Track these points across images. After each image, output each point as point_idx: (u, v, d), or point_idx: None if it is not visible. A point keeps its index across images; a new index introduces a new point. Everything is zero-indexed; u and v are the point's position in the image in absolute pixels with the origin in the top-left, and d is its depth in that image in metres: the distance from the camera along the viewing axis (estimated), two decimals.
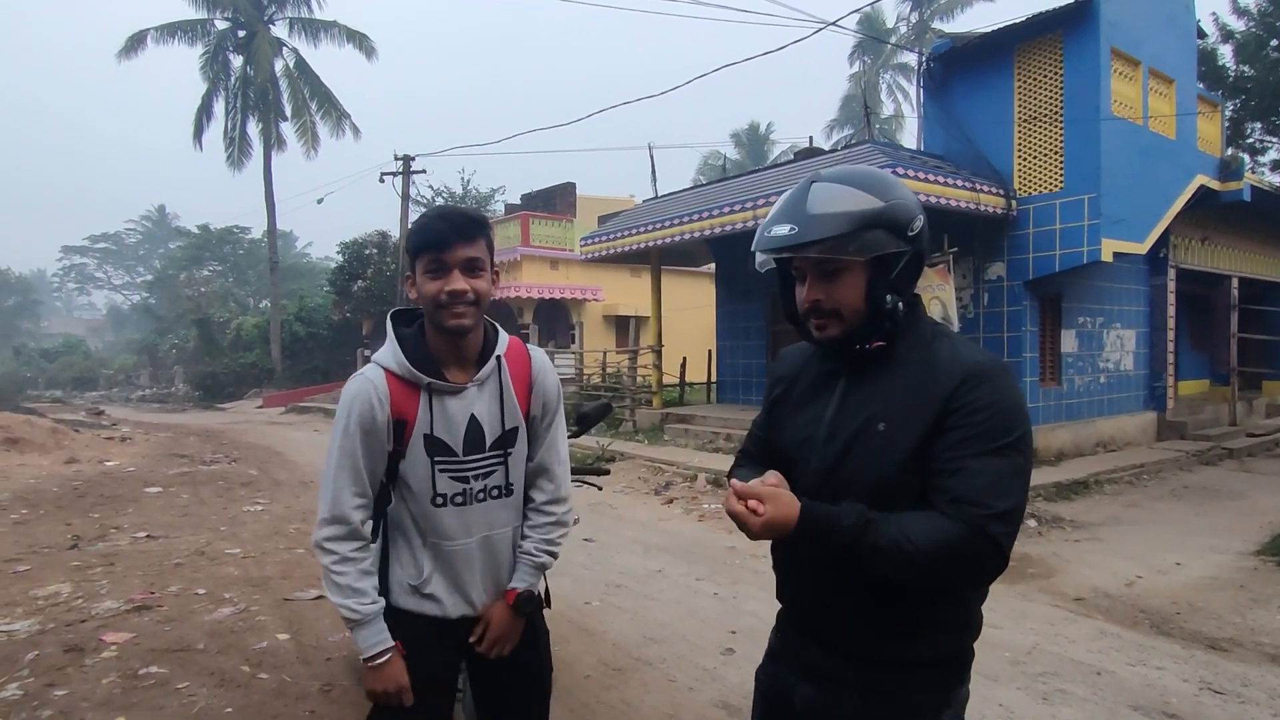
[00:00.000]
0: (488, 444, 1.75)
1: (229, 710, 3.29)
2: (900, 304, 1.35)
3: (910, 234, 1.34)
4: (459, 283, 1.65)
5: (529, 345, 1.90)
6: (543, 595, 1.93)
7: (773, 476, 1.33)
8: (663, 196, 14.43)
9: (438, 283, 1.65)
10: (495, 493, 1.79)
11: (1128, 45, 9.45)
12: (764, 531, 1.27)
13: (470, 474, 1.74)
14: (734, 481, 1.33)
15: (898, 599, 1.31)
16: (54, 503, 8.03)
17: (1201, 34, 12.48)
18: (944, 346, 1.35)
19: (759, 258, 1.42)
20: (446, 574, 1.77)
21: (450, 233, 1.65)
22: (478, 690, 1.92)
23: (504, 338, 1.82)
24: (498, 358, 1.77)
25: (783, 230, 1.32)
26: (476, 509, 1.77)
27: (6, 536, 6.48)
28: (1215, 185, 10.87)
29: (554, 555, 1.89)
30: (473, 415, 1.73)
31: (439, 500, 1.73)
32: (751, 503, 1.27)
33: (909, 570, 1.23)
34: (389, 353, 1.71)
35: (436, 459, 1.71)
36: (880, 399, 1.33)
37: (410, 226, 1.75)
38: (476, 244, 1.68)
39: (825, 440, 1.37)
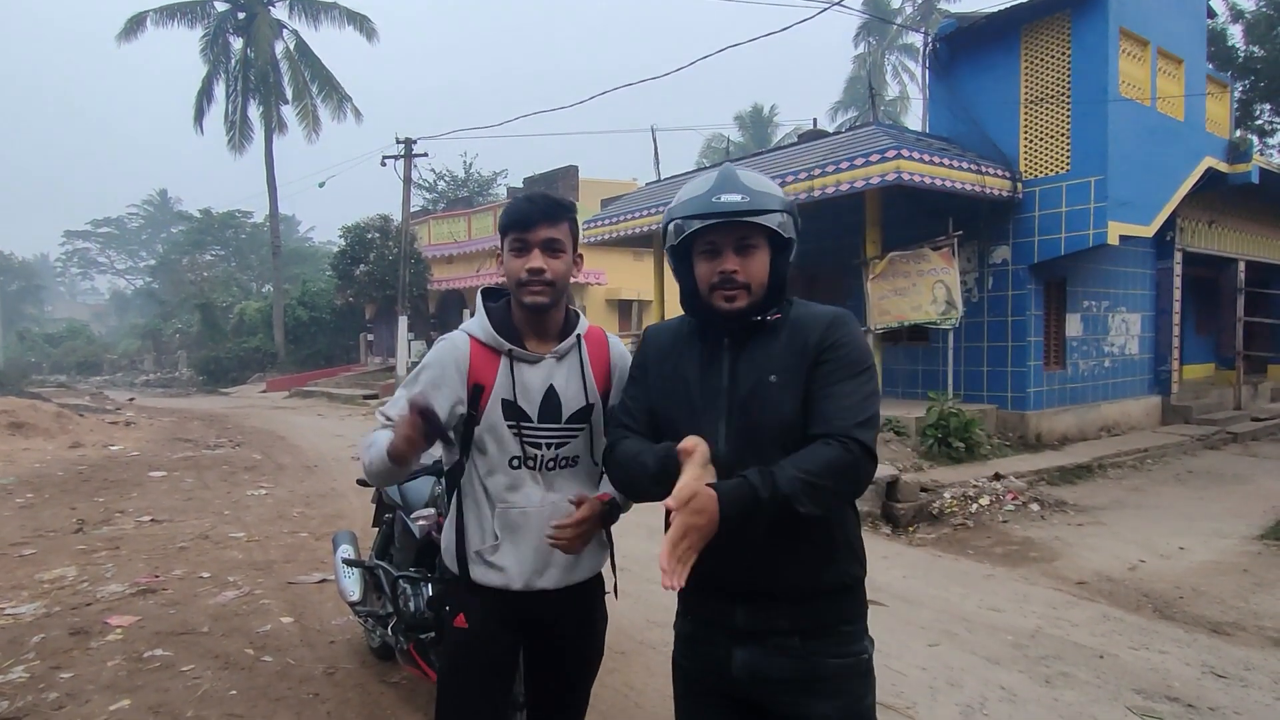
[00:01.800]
0: (564, 416, 1.85)
1: (233, 693, 3.31)
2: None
3: (798, 230, 1.57)
4: (538, 261, 1.77)
5: (607, 333, 2.01)
6: (613, 587, 2.07)
7: (689, 441, 1.42)
8: (666, 179, 14.31)
9: (520, 260, 1.78)
10: (564, 463, 1.88)
11: (1137, 25, 9.33)
12: (699, 541, 1.31)
13: (543, 441, 1.84)
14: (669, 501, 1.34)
15: (806, 528, 1.44)
16: (59, 487, 8.07)
17: (1211, 14, 12.36)
18: (803, 309, 1.59)
19: (681, 225, 1.53)
20: (512, 540, 1.83)
21: (534, 213, 1.78)
22: (530, 663, 1.99)
23: (584, 321, 1.94)
24: (578, 336, 1.90)
25: (734, 198, 1.48)
26: (545, 476, 1.86)
27: (12, 520, 6.51)
28: (1223, 167, 10.76)
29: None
30: (551, 386, 1.85)
31: (514, 462, 1.83)
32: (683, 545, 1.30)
33: (820, 496, 1.38)
34: (477, 322, 1.87)
35: (511, 422, 1.82)
36: (765, 359, 1.53)
37: (503, 207, 1.89)
38: (559, 226, 1.80)
39: (727, 405, 1.53)
